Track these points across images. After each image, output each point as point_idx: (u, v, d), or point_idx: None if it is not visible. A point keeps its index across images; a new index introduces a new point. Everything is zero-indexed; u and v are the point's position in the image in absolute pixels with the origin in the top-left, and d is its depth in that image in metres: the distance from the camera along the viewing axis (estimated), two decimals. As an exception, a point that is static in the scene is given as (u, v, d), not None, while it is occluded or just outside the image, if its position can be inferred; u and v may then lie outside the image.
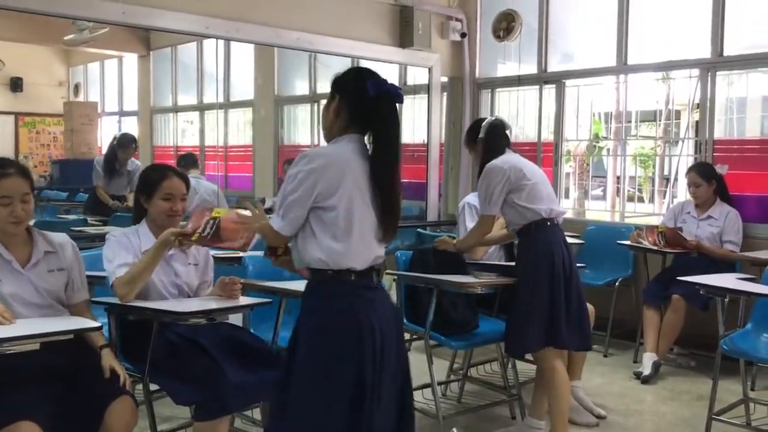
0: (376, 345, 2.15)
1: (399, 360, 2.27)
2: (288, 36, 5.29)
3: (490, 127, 3.54)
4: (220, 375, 2.60)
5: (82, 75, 10.90)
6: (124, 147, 6.57)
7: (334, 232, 2.15)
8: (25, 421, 2.16)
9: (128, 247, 2.80)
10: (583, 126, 6.33)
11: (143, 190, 2.90)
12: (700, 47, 5.20)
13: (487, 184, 3.39)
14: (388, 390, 2.21)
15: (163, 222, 2.87)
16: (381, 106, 2.25)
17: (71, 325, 2.38)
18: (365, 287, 2.22)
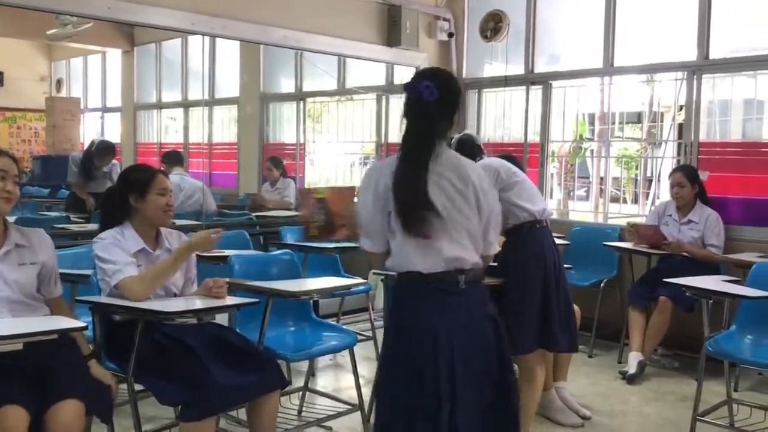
0: (442, 351, 2.11)
1: (487, 364, 2.22)
2: (275, 33, 5.26)
3: (460, 142, 3.59)
4: (206, 375, 2.58)
5: (65, 70, 10.76)
6: (102, 155, 6.54)
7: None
8: (11, 405, 2.14)
9: (122, 247, 2.77)
10: (568, 127, 6.35)
11: (134, 190, 2.85)
12: (686, 50, 5.23)
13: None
14: (471, 397, 2.15)
15: (158, 219, 2.87)
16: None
17: (55, 325, 2.34)
18: (438, 290, 2.18)
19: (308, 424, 3.55)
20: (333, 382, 4.47)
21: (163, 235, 2.93)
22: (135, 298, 2.67)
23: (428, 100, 2.20)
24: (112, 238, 2.79)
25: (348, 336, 3.54)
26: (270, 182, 6.90)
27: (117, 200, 2.90)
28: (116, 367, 2.80)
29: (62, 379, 2.37)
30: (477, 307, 2.25)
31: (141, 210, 2.85)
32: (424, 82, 2.22)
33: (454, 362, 2.12)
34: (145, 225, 2.88)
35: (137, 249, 2.82)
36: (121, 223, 2.87)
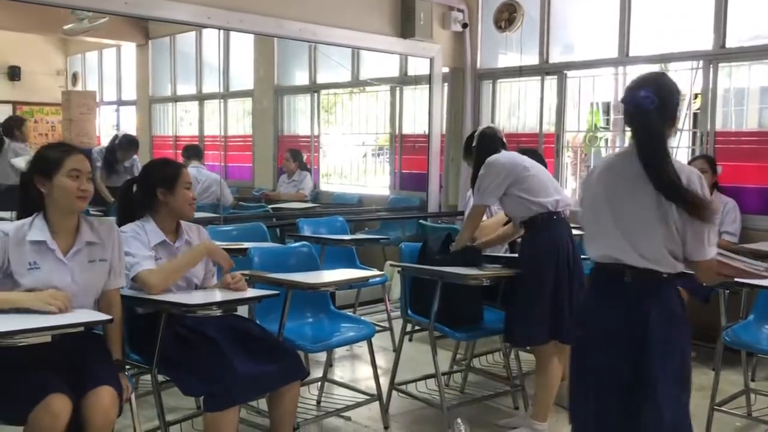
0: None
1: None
2: (290, 26, 5.28)
3: (480, 135, 3.64)
4: (228, 367, 2.62)
5: (80, 64, 10.85)
6: (125, 149, 6.61)
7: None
8: (56, 393, 2.19)
9: (142, 241, 2.82)
10: (583, 117, 6.34)
11: (162, 184, 2.88)
12: (702, 39, 5.20)
13: (484, 175, 3.44)
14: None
15: (184, 212, 2.92)
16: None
17: (82, 318, 2.38)
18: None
19: (328, 414, 3.59)
20: (350, 372, 4.51)
21: (183, 228, 2.97)
22: (151, 291, 2.72)
23: (648, 109, 2.18)
24: (133, 231, 2.84)
25: (366, 327, 3.57)
26: (287, 174, 6.93)
27: (141, 194, 2.93)
28: (139, 359, 2.85)
29: (95, 367, 2.42)
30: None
31: (169, 203, 2.89)
32: (641, 91, 2.20)
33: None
34: (169, 218, 2.92)
35: (158, 241, 2.86)
36: (141, 217, 2.91)
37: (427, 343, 3.57)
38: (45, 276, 2.41)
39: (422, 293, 3.59)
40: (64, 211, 2.48)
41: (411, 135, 7.18)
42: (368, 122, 7.64)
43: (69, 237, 2.50)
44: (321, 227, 5.16)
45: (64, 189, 2.43)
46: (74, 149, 2.52)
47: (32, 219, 2.45)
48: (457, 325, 3.52)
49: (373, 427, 3.56)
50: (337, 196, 7.56)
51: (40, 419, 2.16)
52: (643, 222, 2.19)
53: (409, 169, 7.18)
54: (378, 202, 7.10)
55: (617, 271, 2.23)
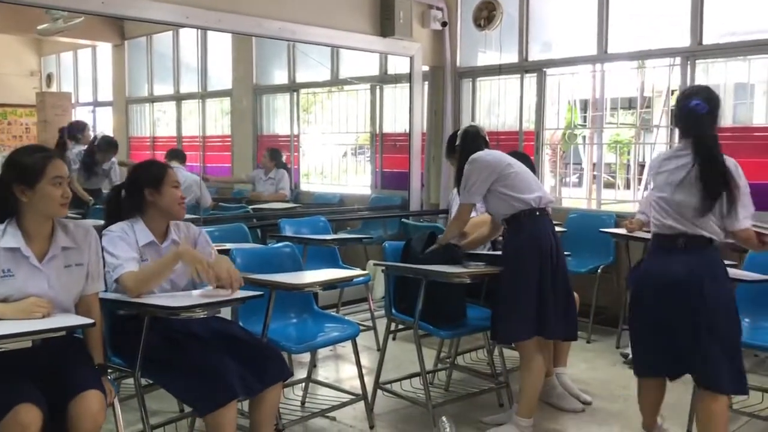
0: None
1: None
2: (270, 26, 5.25)
3: (464, 134, 3.66)
4: (222, 362, 2.62)
5: (55, 65, 10.70)
6: (104, 151, 6.55)
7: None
8: (25, 403, 2.14)
9: (129, 242, 2.78)
10: (562, 115, 6.37)
11: (149, 184, 2.84)
12: (680, 36, 5.26)
13: (469, 172, 3.44)
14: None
15: (173, 211, 2.89)
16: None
17: (63, 322, 2.34)
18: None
19: (313, 414, 3.57)
20: (334, 372, 4.49)
21: (171, 228, 2.94)
22: (130, 294, 2.68)
23: (701, 113, 2.82)
24: (121, 231, 2.80)
25: (350, 327, 3.56)
26: (264, 170, 6.91)
27: (129, 196, 2.90)
28: (122, 362, 2.81)
29: (79, 372, 2.38)
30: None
31: (157, 203, 2.85)
32: (693, 99, 2.85)
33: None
34: (158, 219, 2.89)
35: (146, 242, 2.83)
36: (131, 218, 2.87)
37: (411, 342, 3.58)
38: (20, 284, 2.36)
39: (406, 292, 3.59)
40: (44, 218, 2.43)
41: (391, 134, 7.18)
42: (348, 121, 7.62)
43: (43, 243, 2.44)
44: (303, 227, 5.13)
45: (48, 197, 2.38)
46: (52, 154, 2.46)
47: (4, 226, 2.39)
48: (441, 323, 3.51)
49: (358, 427, 3.55)
50: (318, 195, 7.54)
51: (8, 429, 2.12)
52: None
53: (390, 168, 7.17)
54: (359, 201, 7.08)
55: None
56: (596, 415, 3.75)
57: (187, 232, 2.98)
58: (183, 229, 2.99)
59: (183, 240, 2.92)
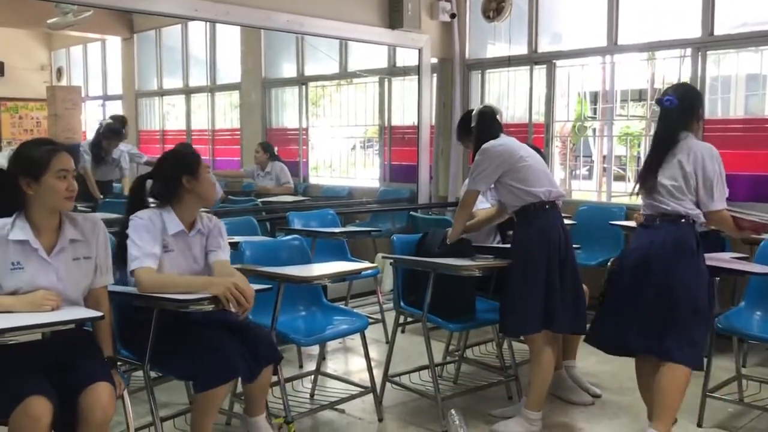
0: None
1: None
2: (278, 18, 5.24)
3: (480, 115, 3.59)
4: (222, 342, 2.67)
5: (65, 59, 10.75)
6: (109, 138, 6.55)
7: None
8: (35, 396, 2.15)
9: (152, 231, 2.77)
10: (572, 107, 6.34)
11: (186, 171, 2.83)
12: (690, 27, 5.21)
13: (479, 161, 3.41)
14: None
15: (209, 196, 2.91)
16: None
17: (73, 315, 2.35)
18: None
19: (321, 407, 3.57)
20: (343, 365, 4.50)
21: (197, 218, 2.94)
22: (141, 290, 2.69)
23: (668, 108, 3.08)
24: (148, 219, 2.79)
25: (359, 319, 3.56)
26: (260, 165, 6.92)
27: (163, 185, 2.86)
28: (131, 355, 2.83)
29: (89, 364, 2.40)
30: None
31: (195, 189, 2.84)
32: (666, 96, 3.09)
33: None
34: (193, 206, 2.88)
35: (176, 231, 2.83)
36: (161, 206, 2.87)
37: (420, 335, 3.58)
38: (29, 276, 2.37)
39: (415, 285, 3.59)
40: (50, 211, 2.44)
41: (400, 126, 7.17)
42: (357, 114, 7.61)
43: (52, 235, 2.45)
44: (312, 220, 5.13)
45: (52, 190, 2.38)
46: (59, 147, 2.46)
47: (13, 218, 2.39)
48: (449, 316, 3.51)
49: (367, 420, 3.55)
50: (327, 188, 7.54)
51: (19, 421, 2.14)
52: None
53: (398, 161, 7.16)
54: (368, 194, 7.08)
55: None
56: (606, 408, 3.73)
57: (209, 222, 2.98)
58: (206, 219, 2.98)
59: (207, 230, 2.93)
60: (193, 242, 2.90)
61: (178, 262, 2.85)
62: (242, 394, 3.09)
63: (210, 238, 2.95)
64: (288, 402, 3.20)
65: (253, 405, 2.97)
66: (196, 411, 2.75)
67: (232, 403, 3.35)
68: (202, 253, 2.93)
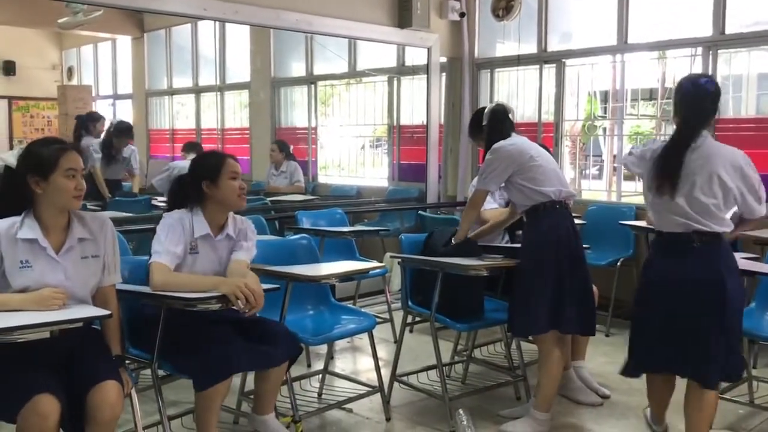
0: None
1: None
2: (287, 17, 5.24)
3: (492, 113, 3.57)
4: (222, 338, 2.69)
5: (76, 58, 10.81)
6: (119, 137, 6.58)
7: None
8: (43, 394, 2.16)
9: (178, 231, 2.81)
10: (582, 106, 6.31)
11: (206, 176, 2.85)
12: (701, 25, 5.17)
13: (489, 161, 3.40)
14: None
15: (232, 203, 2.90)
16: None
17: (80, 313, 2.36)
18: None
19: (329, 406, 3.57)
20: (351, 364, 4.50)
21: (228, 221, 2.95)
22: (152, 285, 2.71)
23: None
24: (178, 220, 2.83)
25: (367, 319, 3.55)
26: (274, 165, 6.93)
27: (190, 189, 2.90)
28: (139, 353, 2.84)
29: (97, 363, 2.40)
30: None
31: (215, 196, 2.86)
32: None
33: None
34: (218, 211, 2.90)
35: (202, 234, 2.85)
36: (193, 208, 2.89)
37: (428, 334, 3.56)
38: (38, 275, 2.38)
39: (423, 284, 3.58)
40: (58, 210, 2.45)
41: (409, 126, 7.16)
42: (366, 113, 7.61)
43: (60, 234, 2.46)
44: (320, 219, 5.13)
45: (61, 189, 2.39)
46: (68, 146, 2.47)
47: (22, 217, 2.40)
48: (458, 315, 3.50)
49: (374, 419, 3.55)
50: (336, 188, 7.54)
51: (27, 419, 2.14)
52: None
53: (407, 160, 7.16)
54: (376, 193, 7.08)
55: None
56: (615, 408, 3.71)
57: (241, 226, 3.00)
58: (239, 223, 2.99)
59: (235, 234, 2.95)
60: (220, 245, 2.92)
61: (203, 263, 2.87)
62: (251, 392, 3.10)
63: (237, 240, 2.97)
64: (296, 401, 3.20)
65: (263, 403, 2.98)
66: (199, 408, 2.75)
67: (240, 401, 3.36)
68: (228, 256, 2.94)
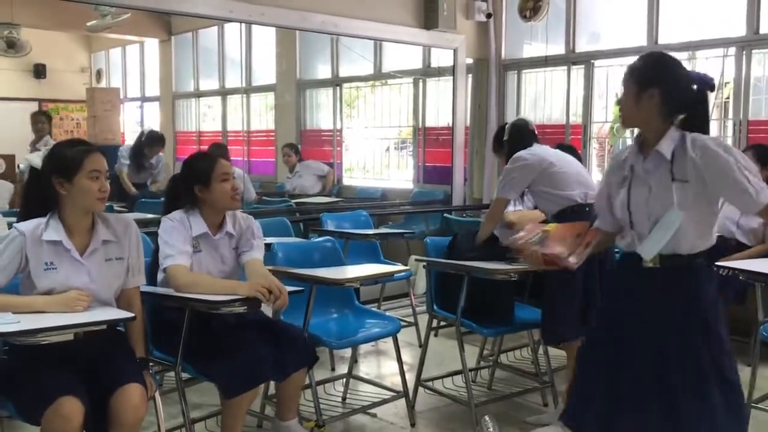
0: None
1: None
2: (313, 19, 5.23)
3: (512, 128, 3.62)
4: (250, 345, 2.67)
5: (104, 61, 10.91)
6: (151, 146, 6.68)
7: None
8: (67, 396, 2.16)
9: (182, 232, 2.81)
10: (610, 107, 6.21)
11: (198, 180, 2.84)
12: (734, 25, 5.07)
13: (508, 170, 3.44)
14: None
15: (225, 205, 2.88)
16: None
17: (105, 316, 2.36)
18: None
19: (354, 411, 3.54)
20: (376, 368, 4.46)
21: (226, 220, 2.93)
22: (175, 288, 2.70)
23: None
24: (178, 221, 2.83)
25: (391, 323, 3.51)
26: (289, 168, 6.98)
27: (182, 191, 2.90)
28: (163, 356, 2.83)
29: (121, 365, 2.40)
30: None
31: (207, 199, 2.85)
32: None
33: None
34: (212, 212, 2.89)
35: (200, 233, 2.84)
36: (190, 208, 2.89)
37: (454, 339, 3.52)
38: (62, 277, 2.38)
39: (449, 288, 3.53)
40: (82, 211, 2.45)
41: (434, 127, 7.11)
42: (391, 115, 7.58)
43: (85, 236, 2.46)
44: (345, 222, 5.11)
45: (85, 190, 2.39)
46: (92, 148, 2.47)
47: (47, 219, 2.41)
48: (484, 320, 3.45)
49: (399, 424, 3.51)
50: (360, 190, 7.52)
51: (51, 421, 2.14)
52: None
53: (432, 162, 7.11)
54: (401, 195, 7.04)
55: None
56: (644, 417, 3.63)
57: (243, 223, 2.97)
58: (240, 221, 2.97)
59: (237, 232, 2.93)
60: (221, 243, 2.91)
61: (206, 262, 2.87)
62: (274, 396, 3.08)
63: (242, 239, 2.95)
64: (320, 405, 3.17)
65: (286, 408, 2.96)
66: (226, 414, 2.74)
67: (264, 405, 3.34)
68: (231, 254, 2.93)
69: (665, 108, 2.22)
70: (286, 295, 2.67)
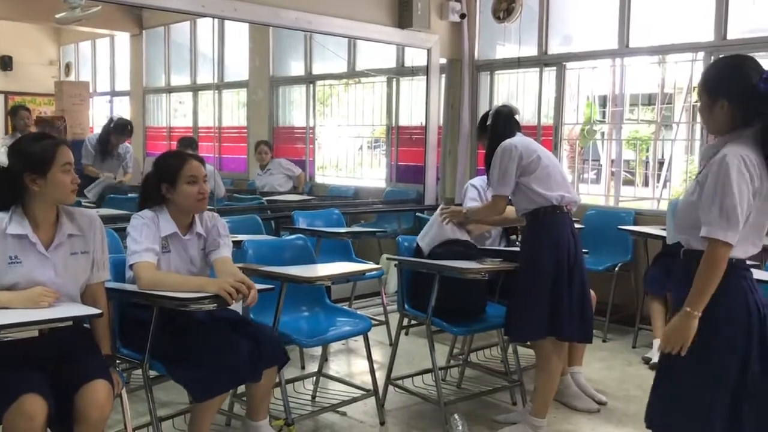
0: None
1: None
2: (286, 15, 5.20)
3: (496, 114, 3.50)
4: (226, 348, 2.63)
5: (73, 54, 10.73)
6: (118, 133, 6.54)
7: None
8: (30, 394, 2.12)
9: (152, 229, 2.77)
10: (581, 109, 6.29)
11: (165, 179, 2.81)
12: (703, 30, 5.14)
13: (499, 162, 3.30)
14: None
15: (192, 207, 2.84)
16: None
17: (70, 312, 2.32)
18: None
19: (323, 409, 3.54)
20: (346, 367, 4.46)
21: (195, 220, 2.90)
22: (141, 285, 2.66)
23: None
24: (149, 219, 2.79)
25: (362, 321, 3.51)
26: (260, 166, 6.96)
27: (152, 188, 2.87)
28: (130, 353, 2.79)
29: (87, 362, 2.36)
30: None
31: (173, 199, 2.82)
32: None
33: None
34: (180, 212, 2.86)
35: (169, 233, 2.81)
36: (146, 206, 2.86)
37: (424, 337, 3.53)
38: (27, 271, 2.35)
39: (420, 287, 3.54)
40: (53, 205, 2.41)
41: (408, 127, 7.12)
42: (364, 114, 7.57)
43: (49, 230, 2.43)
44: (317, 220, 5.09)
45: (59, 184, 2.36)
46: (59, 140, 2.44)
47: (10, 213, 2.36)
48: (454, 319, 3.46)
49: (368, 423, 3.51)
50: (333, 188, 7.50)
51: (13, 419, 2.11)
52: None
53: (405, 162, 7.12)
54: (374, 194, 7.04)
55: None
56: (611, 415, 3.68)
57: (209, 222, 2.95)
58: (207, 220, 2.94)
59: (205, 232, 2.90)
60: (190, 244, 2.88)
61: (175, 263, 2.84)
62: (243, 394, 3.06)
63: (209, 238, 2.92)
64: (289, 403, 3.16)
65: (256, 408, 2.94)
66: (195, 414, 2.72)
67: (232, 403, 3.31)
68: (199, 254, 2.91)
69: (739, 116, 2.18)
70: (256, 292, 2.65)
